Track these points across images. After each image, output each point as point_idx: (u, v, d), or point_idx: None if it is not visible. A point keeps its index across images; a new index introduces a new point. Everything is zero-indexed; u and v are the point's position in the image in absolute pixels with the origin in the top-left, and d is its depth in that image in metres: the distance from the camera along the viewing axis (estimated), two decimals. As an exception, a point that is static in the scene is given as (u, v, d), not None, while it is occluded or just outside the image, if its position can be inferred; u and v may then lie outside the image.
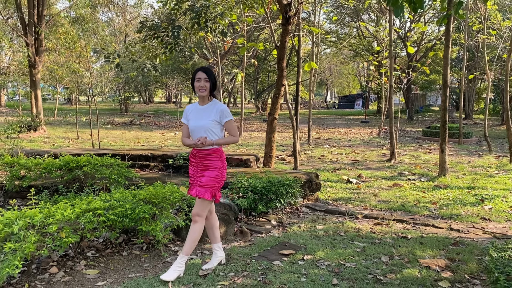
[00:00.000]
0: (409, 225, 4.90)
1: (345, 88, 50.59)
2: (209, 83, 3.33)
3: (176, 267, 3.24)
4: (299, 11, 8.80)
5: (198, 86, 3.32)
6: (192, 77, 3.38)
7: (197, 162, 3.39)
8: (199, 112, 3.39)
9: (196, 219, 3.32)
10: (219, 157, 3.37)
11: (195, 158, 3.42)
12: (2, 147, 6.56)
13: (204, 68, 3.37)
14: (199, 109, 3.41)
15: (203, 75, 3.32)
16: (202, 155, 3.35)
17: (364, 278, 3.24)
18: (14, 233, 2.90)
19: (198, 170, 3.38)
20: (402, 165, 9.57)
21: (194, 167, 3.42)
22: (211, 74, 3.34)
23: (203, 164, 3.35)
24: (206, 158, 3.34)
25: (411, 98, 27.01)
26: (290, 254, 3.74)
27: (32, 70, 17.12)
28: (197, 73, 3.33)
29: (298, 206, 5.60)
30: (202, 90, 3.32)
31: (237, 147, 12.94)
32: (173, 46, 7.17)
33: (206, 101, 3.41)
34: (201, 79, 3.31)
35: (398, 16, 4.95)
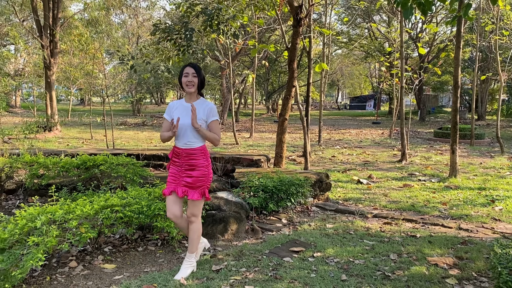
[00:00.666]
0: (418, 224, 4.95)
1: (356, 89, 50.44)
2: (197, 79, 3.23)
3: (188, 264, 3.31)
4: (310, 13, 8.88)
5: (186, 81, 3.22)
6: (180, 73, 3.27)
7: (181, 162, 3.27)
8: (186, 110, 3.26)
9: (192, 219, 3.33)
10: (203, 155, 3.29)
11: (178, 157, 3.29)
12: (21, 147, 6.76)
13: (192, 63, 3.28)
14: (186, 106, 3.28)
15: (191, 70, 3.22)
16: (186, 154, 3.24)
17: (373, 274, 3.32)
18: (37, 228, 3.05)
19: (182, 170, 3.27)
20: (413, 166, 9.59)
21: (177, 166, 3.30)
22: (199, 70, 3.25)
23: (187, 164, 3.25)
24: (190, 157, 3.24)
25: (422, 99, 26.85)
26: (300, 251, 3.84)
27: (47, 71, 17.48)
28: (185, 68, 3.24)
29: (309, 205, 5.69)
30: (189, 85, 3.22)
31: (248, 148, 13.06)
32: (185, 48, 7.32)
33: (193, 99, 3.31)
34: (188, 74, 3.22)
35: (408, 17, 5.03)
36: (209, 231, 4.29)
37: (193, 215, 3.32)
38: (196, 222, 3.34)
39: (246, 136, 17.06)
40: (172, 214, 3.29)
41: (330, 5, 14.60)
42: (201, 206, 3.36)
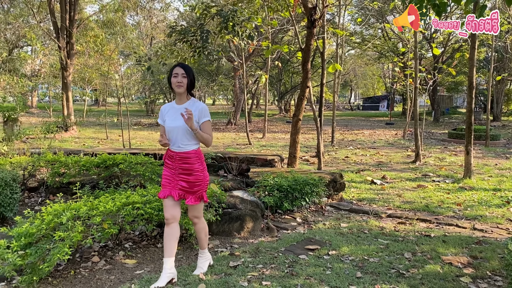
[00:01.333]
0: (432, 224, 4.98)
1: (369, 90, 50.13)
2: (186, 79, 3.15)
3: (203, 260, 3.41)
4: (323, 14, 8.93)
5: (175, 81, 3.14)
6: (169, 73, 3.20)
7: (175, 165, 3.20)
8: (177, 112, 3.18)
9: (196, 221, 3.35)
10: (198, 159, 3.22)
11: (171, 160, 3.22)
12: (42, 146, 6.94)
13: (182, 63, 3.22)
14: (177, 108, 3.21)
15: (181, 70, 3.15)
16: (180, 158, 3.17)
17: (387, 272, 3.38)
18: (62, 223, 3.17)
19: (176, 173, 3.20)
20: (426, 167, 9.56)
21: (170, 169, 3.23)
22: (189, 71, 3.18)
23: (181, 168, 3.18)
24: (184, 161, 3.17)
25: (437, 100, 26.62)
26: (315, 249, 3.91)
27: (64, 72, 17.80)
28: (175, 69, 3.17)
29: (323, 205, 5.74)
30: (179, 86, 3.14)
31: (261, 148, 13.14)
32: (201, 49, 7.43)
33: (184, 100, 3.24)
34: (178, 75, 3.14)
35: (422, 19, 5.05)
36: (225, 228, 4.39)
37: (195, 217, 3.33)
38: (200, 222, 3.36)
39: (259, 137, 17.14)
40: (171, 215, 3.20)
41: (343, 6, 14.60)
42: (201, 208, 3.35)
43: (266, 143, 14.75)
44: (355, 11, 24.92)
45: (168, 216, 3.21)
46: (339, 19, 15.80)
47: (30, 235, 3.09)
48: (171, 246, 3.22)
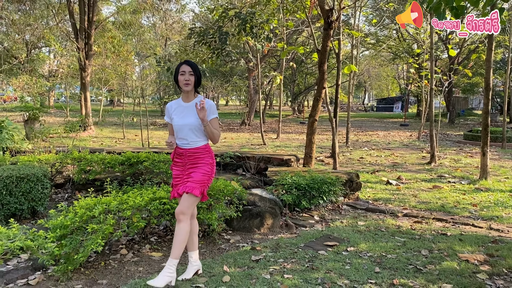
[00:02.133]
0: (448, 223, 5.05)
1: (383, 91, 49.89)
2: (194, 77, 3.11)
3: (167, 273, 2.99)
4: (340, 16, 9.02)
5: (183, 79, 3.10)
6: (176, 71, 3.15)
7: (184, 162, 3.18)
8: (185, 110, 3.17)
9: (181, 218, 3.04)
10: (208, 153, 3.20)
11: (181, 157, 3.20)
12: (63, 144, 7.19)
13: (188, 61, 3.17)
14: (184, 106, 3.19)
15: (188, 68, 3.10)
16: (190, 154, 3.15)
17: (405, 267, 3.48)
18: (94, 217, 3.35)
19: (185, 169, 3.17)
20: (442, 168, 9.58)
21: (180, 167, 3.21)
22: (196, 68, 3.13)
23: (192, 163, 3.16)
24: (195, 156, 3.15)
25: (452, 101, 26.41)
26: (334, 245, 4.03)
27: (82, 73, 18.17)
28: (181, 66, 3.13)
29: (340, 204, 5.85)
30: (186, 84, 3.10)
31: (276, 148, 13.26)
32: (220, 51, 7.60)
33: (191, 98, 3.20)
34: (185, 72, 3.10)
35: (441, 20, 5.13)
36: (246, 224, 4.53)
37: (183, 213, 3.04)
38: (184, 222, 3.03)
39: (273, 137, 17.26)
40: None
41: (359, 7, 14.65)
42: (193, 205, 3.16)
43: (281, 144, 14.86)
44: (370, 12, 24.91)
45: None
46: (354, 20, 15.86)
47: (65, 227, 3.27)
48: (193, 240, 3.25)
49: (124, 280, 3.26)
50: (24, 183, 4.35)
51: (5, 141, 7.92)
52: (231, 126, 23.23)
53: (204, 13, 23.93)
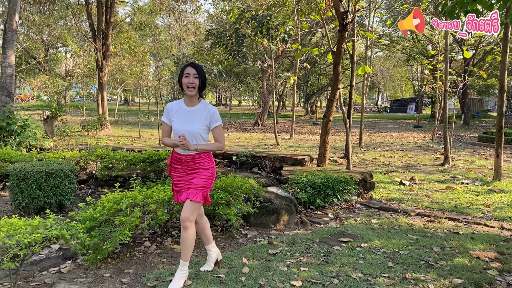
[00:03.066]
0: (460, 223, 5.15)
1: (397, 92, 49.60)
2: (198, 80, 3.01)
3: (181, 274, 3.11)
4: (354, 18, 9.13)
5: (187, 82, 3.00)
6: (180, 73, 3.06)
7: (184, 168, 3.12)
8: (187, 115, 3.07)
9: (187, 225, 3.06)
10: (208, 157, 3.14)
11: (179, 163, 3.13)
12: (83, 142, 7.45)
13: (193, 63, 3.08)
14: (187, 111, 3.09)
15: (193, 70, 3.01)
16: (190, 160, 3.08)
17: (417, 263, 3.61)
18: (121, 210, 3.55)
19: (186, 174, 3.12)
20: (455, 170, 9.61)
21: (180, 173, 3.15)
22: (201, 71, 3.04)
23: (190, 169, 3.10)
24: (195, 162, 3.09)
25: (467, 103, 26.20)
26: (348, 241, 4.17)
27: (100, 73, 18.56)
28: (186, 69, 3.03)
29: (353, 203, 5.98)
30: (190, 87, 3.01)
31: (289, 148, 13.39)
32: (236, 52, 7.79)
33: (194, 102, 3.10)
34: (190, 75, 3.00)
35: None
36: (262, 220, 4.70)
37: (189, 220, 3.05)
38: (191, 228, 3.09)
39: (286, 137, 17.38)
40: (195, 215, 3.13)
41: (373, 9, 14.70)
42: (197, 210, 3.15)
43: (294, 144, 14.97)
44: (384, 13, 24.87)
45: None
46: (369, 22, 15.91)
47: (94, 219, 3.47)
48: (206, 235, 3.38)
49: (149, 270, 3.46)
50: (53, 178, 4.59)
51: (29, 138, 8.22)
52: (244, 126, 23.41)
53: (219, 14, 24.22)
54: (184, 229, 3.08)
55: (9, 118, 8.21)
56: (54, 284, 3.13)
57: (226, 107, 45.58)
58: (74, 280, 3.22)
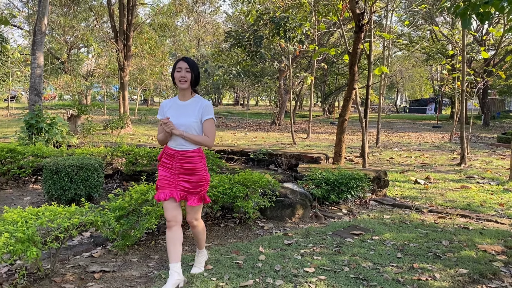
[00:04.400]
0: (472, 219, 5.28)
1: (416, 92, 49.09)
2: (190, 74, 3.01)
3: (201, 257, 3.39)
4: (371, 19, 9.28)
5: (179, 76, 3.00)
6: (173, 68, 3.05)
7: (175, 164, 3.05)
8: (180, 109, 3.08)
9: (195, 224, 3.23)
10: (200, 157, 3.10)
11: (171, 159, 3.07)
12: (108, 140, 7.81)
13: (186, 57, 3.07)
14: (180, 105, 3.10)
15: (184, 64, 3.01)
16: (182, 157, 3.03)
17: (425, 254, 3.79)
18: (147, 200, 3.84)
19: (177, 174, 3.05)
20: (472, 169, 9.65)
21: (169, 169, 3.08)
22: (193, 65, 3.03)
23: (183, 168, 3.04)
24: (186, 160, 3.03)
25: (487, 103, 25.87)
26: (360, 234, 4.37)
27: (121, 73, 19.06)
28: (178, 63, 3.03)
29: (367, 199, 6.16)
30: (182, 81, 3.00)
31: (305, 147, 13.57)
32: (254, 53, 8.04)
33: (188, 96, 3.10)
34: (181, 69, 3.00)
35: (466, 27, 5.38)
36: (278, 214, 4.94)
37: (195, 219, 3.21)
38: (199, 225, 3.26)
39: (303, 137, 17.55)
40: (173, 217, 3.08)
41: (391, 10, 14.75)
42: (201, 209, 3.28)
43: (310, 143, 15.14)
44: (402, 13, 24.77)
45: (171, 218, 3.07)
46: (386, 21, 15.94)
47: (123, 209, 3.76)
48: (176, 250, 3.09)
49: (173, 256, 3.73)
50: (83, 172, 4.92)
51: (56, 136, 8.64)
52: (261, 126, 23.65)
53: (237, 15, 24.52)
54: (193, 227, 3.26)
55: (38, 116, 8.63)
56: (87, 266, 3.44)
57: (243, 107, 46.01)
58: (105, 264, 3.52)
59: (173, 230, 3.09)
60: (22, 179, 6.23)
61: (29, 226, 2.71)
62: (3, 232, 2.59)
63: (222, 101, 61.60)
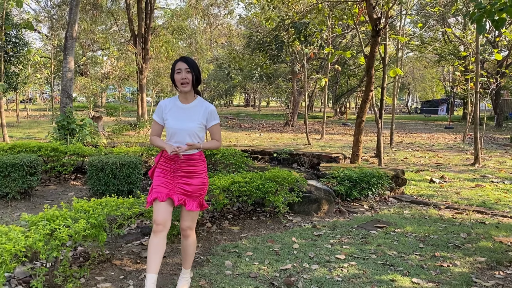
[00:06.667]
0: (487, 215, 5.58)
1: (428, 93, 49.05)
2: (191, 75, 2.84)
3: (183, 282, 3.06)
4: (387, 23, 9.59)
5: (179, 78, 2.83)
6: (172, 69, 2.89)
7: (175, 168, 2.90)
8: (183, 112, 2.90)
9: (188, 233, 2.99)
10: (202, 161, 2.97)
11: (171, 163, 2.91)
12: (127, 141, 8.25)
13: (184, 57, 2.89)
14: (182, 108, 2.92)
15: (184, 65, 2.83)
16: (184, 161, 2.88)
17: (445, 245, 4.12)
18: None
19: (177, 177, 2.90)
20: (485, 169, 9.90)
21: (171, 172, 2.91)
22: (193, 65, 2.85)
23: (184, 171, 2.90)
24: (188, 164, 2.90)
25: (500, 104, 25.92)
26: (383, 227, 4.71)
27: (140, 76, 19.60)
28: (177, 64, 2.85)
29: (386, 196, 6.48)
30: (184, 83, 2.84)
31: (320, 148, 13.89)
32: (276, 57, 8.41)
33: (190, 99, 2.93)
34: (181, 70, 2.82)
35: (481, 33, 5.71)
36: (305, 208, 5.30)
37: (190, 228, 2.98)
38: (192, 236, 3.02)
39: (317, 137, 17.87)
40: (163, 221, 2.83)
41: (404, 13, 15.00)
42: (197, 218, 3.07)
43: (325, 144, 15.45)
44: (415, 14, 24.94)
45: (160, 222, 2.81)
46: (400, 23, 16.19)
47: (168, 202, 4.15)
48: (156, 260, 2.79)
49: (215, 243, 4.12)
50: (125, 169, 5.34)
51: (86, 136, 9.11)
52: (274, 127, 24.00)
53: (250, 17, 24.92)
54: (185, 237, 3.01)
55: (69, 117, 9.10)
56: (140, 252, 3.83)
57: (254, 108, 46.41)
58: (155, 250, 3.91)
59: (159, 236, 2.80)
60: (63, 177, 6.68)
61: (100, 214, 3.11)
62: (79, 219, 2.99)
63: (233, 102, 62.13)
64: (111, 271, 3.39)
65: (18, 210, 5.04)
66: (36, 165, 5.29)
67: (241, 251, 3.85)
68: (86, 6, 18.65)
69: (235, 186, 4.51)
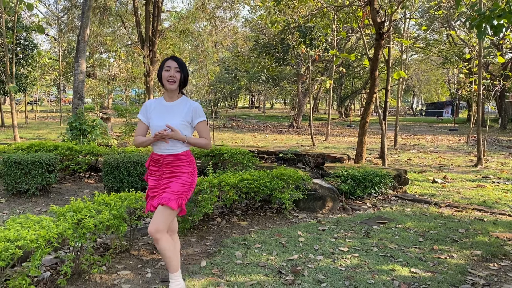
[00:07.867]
0: (486, 213, 5.79)
1: (433, 95, 49.10)
2: (179, 74, 2.83)
3: (175, 285, 2.91)
4: (391, 27, 9.81)
5: (167, 76, 2.81)
6: (160, 66, 2.86)
7: (162, 170, 2.87)
8: (166, 110, 2.87)
9: (158, 237, 2.75)
10: (188, 161, 2.89)
11: (158, 165, 2.89)
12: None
13: (175, 57, 2.87)
14: (166, 106, 2.89)
15: (174, 64, 2.82)
16: (169, 161, 2.83)
17: (444, 239, 4.34)
18: (202, 190, 4.47)
19: (163, 178, 2.87)
20: (488, 170, 10.08)
21: (156, 176, 2.90)
22: (183, 65, 2.85)
23: (170, 172, 2.85)
24: (173, 164, 2.84)
25: (504, 107, 26.01)
26: (385, 222, 4.94)
27: (147, 78, 19.91)
28: (167, 62, 2.84)
29: (389, 195, 6.70)
30: (171, 81, 2.81)
31: (325, 149, 14.11)
32: (282, 60, 8.66)
33: (174, 97, 2.91)
34: (170, 68, 2.81)
35: (481, 38, 5.92)
36: (310, 205, 5.53)
37: (157, 231, 2.75)
38: (163, 239, 2.78)
39: (322, 139, 18.09)
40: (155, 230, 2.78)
41: (408, 16, 15.20)
42: (169, 220, 2.81)
43: (329, 145, 15.67)
44: (419, 17, 25.11)
45: (150, 230, 2.80)
46: (404, 26, 16.39)
47: (181, 197, 4.40)
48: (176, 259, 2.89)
49: (225, 237, 4.36)
50: (139, 167, 5.60)
51: (97, 137, 9.39)
52: (279, 128, 24.24)
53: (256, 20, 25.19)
54: (156, 242, 2.77)
55: (80, 118, 9.40)
56: (155, 244, 4.08)
57: (259, 110, 46.69)
58: (169, 243, 4.15)
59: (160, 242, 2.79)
60: (78, 175, 6.95)
61: (120, 206, 3.36)
62: (102, 210, 3.25)
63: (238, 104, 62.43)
64: (129, 260, 3.64)
65: (38, 205, 5.32)
66: (54, 163, 5.57)
67: (250, 243, 4.09)
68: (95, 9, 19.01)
69: (243, 183, 4.75)
